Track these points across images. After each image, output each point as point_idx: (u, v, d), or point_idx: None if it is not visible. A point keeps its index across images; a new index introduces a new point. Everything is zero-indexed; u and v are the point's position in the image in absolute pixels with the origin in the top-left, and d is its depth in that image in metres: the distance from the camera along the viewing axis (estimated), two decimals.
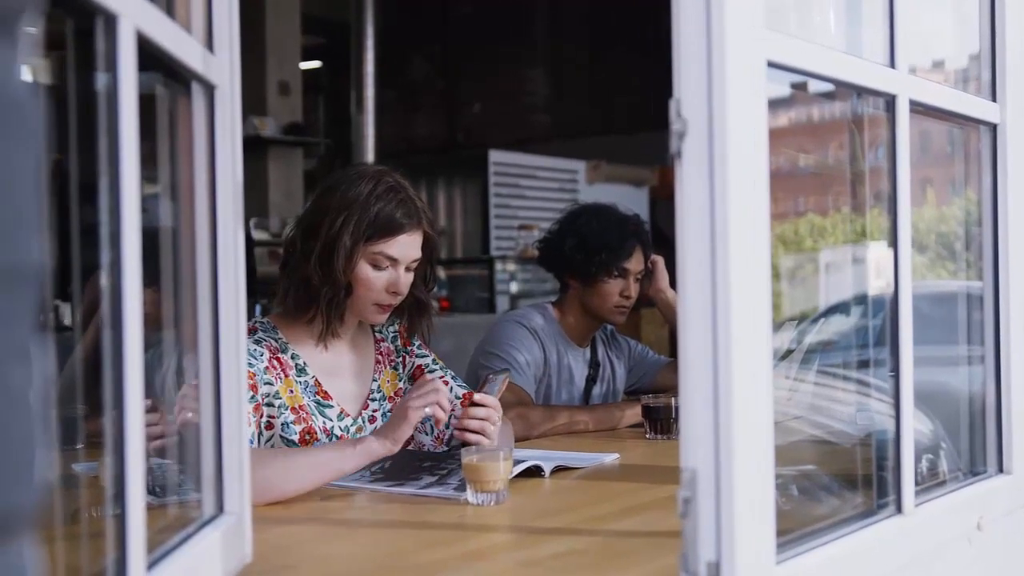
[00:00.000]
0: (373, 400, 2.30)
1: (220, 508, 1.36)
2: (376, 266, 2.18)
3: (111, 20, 0.99)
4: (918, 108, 1.55)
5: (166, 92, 1.31)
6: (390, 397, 2.33)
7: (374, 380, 2.32)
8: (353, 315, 2.24)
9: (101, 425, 1.05)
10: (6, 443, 0.53)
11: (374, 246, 2.16)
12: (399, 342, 2.40)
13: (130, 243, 1.01)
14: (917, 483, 1.53)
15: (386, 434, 1.97)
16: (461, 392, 2.36)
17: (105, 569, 1.01)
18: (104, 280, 1.01)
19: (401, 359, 2.39)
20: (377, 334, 2.38)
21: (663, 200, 8.02)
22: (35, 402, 0.56)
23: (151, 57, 1.11)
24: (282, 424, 2.12)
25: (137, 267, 1.02)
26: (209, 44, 1.34)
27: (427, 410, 1.97)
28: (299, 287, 2.18)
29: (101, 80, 1.02)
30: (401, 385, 2.37)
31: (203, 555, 1.25)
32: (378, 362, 2.35)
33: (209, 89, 1.34)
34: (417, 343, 2.42)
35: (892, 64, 1.50)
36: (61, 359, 1.84)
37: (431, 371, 2.40)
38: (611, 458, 2.33)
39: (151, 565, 1.08)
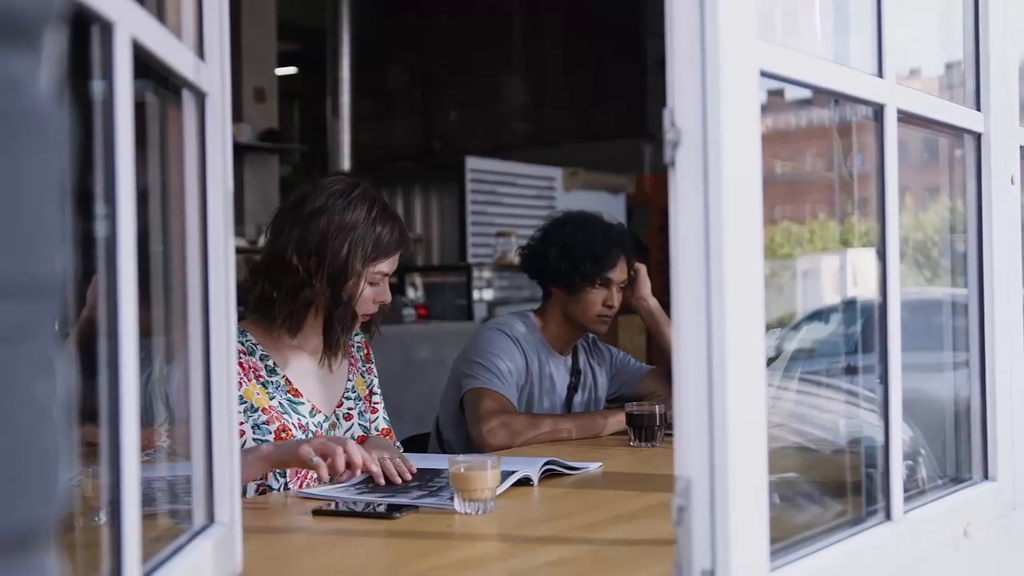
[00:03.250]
0: (348, 398, 2.39)
1: (211, 518, 1.35)
2: (372, 283, 2.28)
3: (107, 28, 0.99)
4: (905, 117, 1.56)
5: (156, 100, 1.30)
6: (364, 397, 2.43)
7: (348, 380, 2.41)
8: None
9: (85, 434, 1.04)
10: (32, 456, 0.53)
11: (375, 266, 2.27)
12: (362, 353, 2.50)
13: (126, 251, 1.00)
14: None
15: (275, 452, 1.99)
16: (383, 426, 2.43)
17: None
18: (100, 289, 1.01)
19: (368, 368, 2.49)
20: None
21: (639, 207, 8.04)
22: (58, 414, 0.56)
23: (143, 64, 1.10)
24: (253, 426, 2.17)
25: (132, 275, 1.01)
26: (200, 52, 1.33)
27: (315, 459, 1.93)
28: (303, 308, 2.24)
29: (96, 87, 1.01)
30: (368, 391, 2.47)
31: (195, 566, 1.24)
32: (352, 364, 2.44)
33: (200, 97, 1.33)
34: (367, 365, 2.51)
35: (880, 74, 1.50)
36: None
37: (374, 393, 2.50)
38: (595, 467, 2.33)
39: None
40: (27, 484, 0.53)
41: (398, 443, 2.50)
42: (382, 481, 2.03)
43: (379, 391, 2.51)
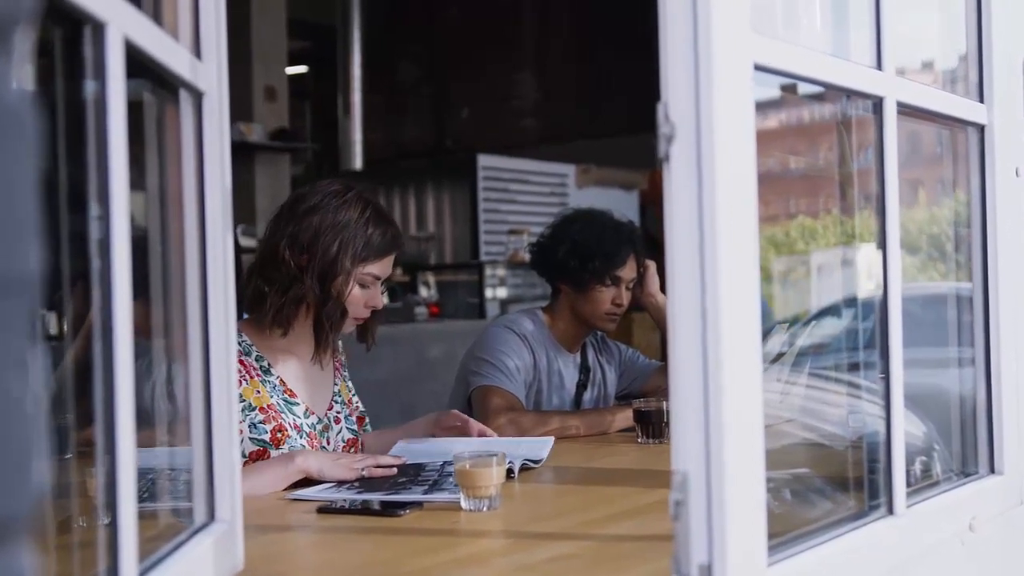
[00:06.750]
0: (336, 402, 2.41)
1: (211, 516, 1.35)
2: (362, 285, 2.29)
3: (99, 28, 0.99)
4: (905, 110, 1.55)
5: (153, 99, 1.30)
6: (347, 402, 2.45)
7: (335, 384, 2.44)
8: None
9: (91, 435, 1.05)
10: (5, 450, 0.53)
11: (365, 268, 2.27)
12: (343, 358, 2.52)
13: (120, 251, 1.01)
14: (909, 485, 1.53)
15: (321, 462, 2.10)
16: (348, 437, 2.42)
17: None
18: (94, 289, 1.01)
19: (347, 373, 2.51)
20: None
21: (652, 204, 8.02)
22: (32, 410, 0.56)
23: (138, 64, 1.11)
24: (250, 425, 2.19)
25: (127, 276, 1.02)
26: (197, 51, 1.34)
27: (364, 472, 2.11)
28: (292, 304, 2.25)
29: (89, 87, 1.01)
30: (350, 395, 2.49)
31: (195, 563, 1.24)
32: (337, 369, 2.46)
33: (197, 96, 1.33)
34: (345, 371, 2.52)
35: (879, 66, 1.50)
36: (48, 368, 1.83)
37: (351, 402, 2.51)
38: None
39: (143, 573, 1.08)
40: (1, 478, 0.54)
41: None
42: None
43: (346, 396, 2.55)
